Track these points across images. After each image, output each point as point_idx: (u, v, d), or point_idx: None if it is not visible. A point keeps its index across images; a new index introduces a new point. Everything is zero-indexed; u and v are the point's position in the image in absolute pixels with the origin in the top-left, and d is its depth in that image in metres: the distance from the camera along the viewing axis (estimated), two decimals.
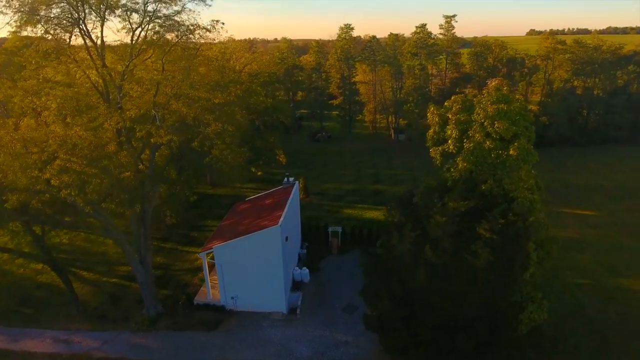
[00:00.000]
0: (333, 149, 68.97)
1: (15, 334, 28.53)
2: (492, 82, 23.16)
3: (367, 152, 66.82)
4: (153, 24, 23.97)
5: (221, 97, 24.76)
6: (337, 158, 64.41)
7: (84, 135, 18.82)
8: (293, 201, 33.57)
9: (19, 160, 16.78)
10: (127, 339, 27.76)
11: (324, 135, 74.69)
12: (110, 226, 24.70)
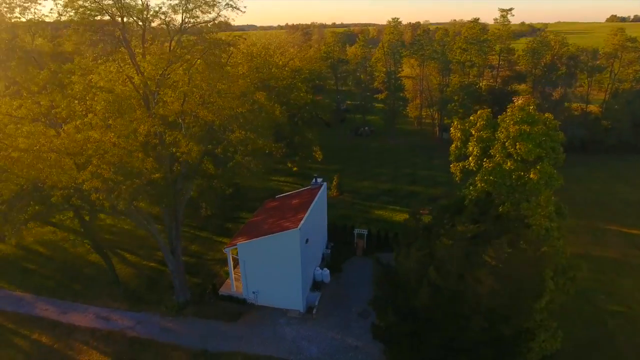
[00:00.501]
0: (374, 145, 68.61)
1: (64, 307, 32.17)
2: (517, 100, 22.24)
3: (409, 150, 65.80)
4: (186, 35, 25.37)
5: (247, 106, 25.79)
6: (377, 155, 64.08)
7: (117, 142, 20.71)
8: (319, 202, 34.37)
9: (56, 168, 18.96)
10: (157, 322, 30.36)
11: (366, 130, 74.35)
12: (142, 221, 26.91)
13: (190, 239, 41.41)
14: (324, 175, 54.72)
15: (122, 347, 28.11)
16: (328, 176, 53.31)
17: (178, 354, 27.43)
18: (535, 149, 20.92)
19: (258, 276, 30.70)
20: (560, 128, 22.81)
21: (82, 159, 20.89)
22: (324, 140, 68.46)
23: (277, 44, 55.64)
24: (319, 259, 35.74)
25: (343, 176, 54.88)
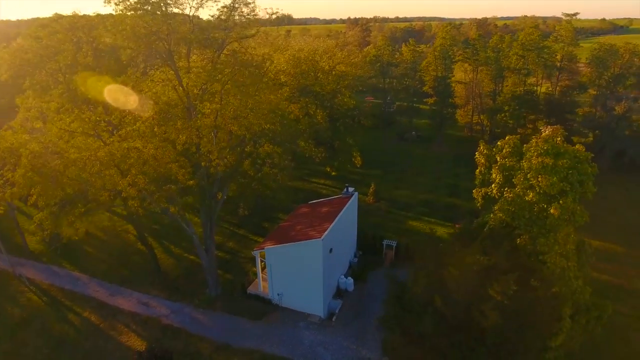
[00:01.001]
0: (418, 151, 67.67)
1: (112, 290, 35.88)
2: (545, 130, 21.52)
3: (454, 159, 64.16)
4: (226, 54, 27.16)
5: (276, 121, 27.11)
6: (419, 162, 63.23)
7: (155, 154, 22.96)
8: (347, 212, 35.17)
9: (100, 175, 21.53)
10: (189, 313, 33.00)
11: (413, 135, 73.39)
12: (179, 221, 29.35)
13: (228, 236, 43.98)
14: (363, 180, 55.48)
15: (156, 333, 30.97)
16: (367, 182, 53.95)
17: (204, 345, 29.75)
18: (559, 183, 20.25)
19: (283, 279, 32.27)
20: (623, 146, 21.79)
21: (125, 167, 23.41)
22: (368, 144, 68.80)
23: (324, 48, 56.44)
24: (345, 267, 36.64)
25: (382, 183, 55.08)
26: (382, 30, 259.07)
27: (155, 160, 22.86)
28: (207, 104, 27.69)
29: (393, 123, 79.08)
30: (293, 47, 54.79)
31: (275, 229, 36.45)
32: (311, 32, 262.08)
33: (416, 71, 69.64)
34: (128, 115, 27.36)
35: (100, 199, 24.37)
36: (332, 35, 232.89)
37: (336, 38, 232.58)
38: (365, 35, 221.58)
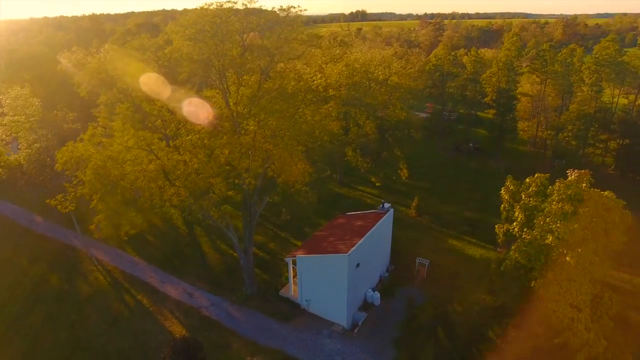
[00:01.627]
0: (472, 165, 65.70)
1: (164, 278, 40.19)
2: (571, 174, 20.96)
3: (512, 176, 61.36)
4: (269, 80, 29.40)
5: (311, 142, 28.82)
6: (472, 177, 61.50)
7: (198, 169, 25.83)
8: (380, 228, 36.07)
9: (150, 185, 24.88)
10: (226, 307, 36.14)
11: (470, 146, 71.25)
12: (220, 225, 32.32)
13: (270, 237, 46.76)
14: (409, 192, 55.50)
15: (195, 323, 34.45)
16: (413, 194, 53.90)
17: (234, 339, 32.62)
18: (579, 230, 19.78)
19: (311, 287, 34.17)
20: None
21: (173, 177, 26.60)
22: (421, 154, 68.20)
23: (380, 58, 56.86)
24: (374, 281, 37.63)
25: (429, 196, 54.70)
26: (458, 29, 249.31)
27: (198, 174, 25.70)
28: (252, 121, 30.18)
29: (451, 132, 77.12)
30: (349, 57, 55.82)
31: (310, 238, 38.41)
32: (383, 29, 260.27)
33: (477, 82, 67.30)
34: (182, 128, 30.72)
35: (154, 202, 27.85)
36: (402, 34, 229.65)
37: (407, 36, 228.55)
38: (438, 35, 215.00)
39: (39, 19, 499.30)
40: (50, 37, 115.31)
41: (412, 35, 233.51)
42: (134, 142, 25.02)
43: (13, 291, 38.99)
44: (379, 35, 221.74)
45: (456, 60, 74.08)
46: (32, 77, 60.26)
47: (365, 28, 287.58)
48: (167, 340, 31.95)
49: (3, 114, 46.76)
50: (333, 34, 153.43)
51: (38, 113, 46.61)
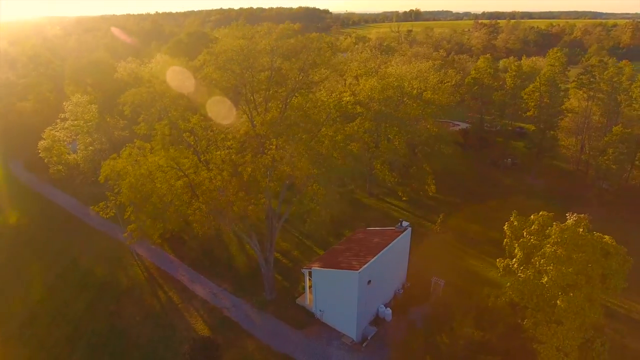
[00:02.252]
0: (508, 181, 64.21)
1: (193, 277, 43.57)
2: (570, 217, 21.15)
3: (547, 195, 59.58)
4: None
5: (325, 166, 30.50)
6: (505, 194, 60.07)
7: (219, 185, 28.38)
8: (396, 246, 37.05)
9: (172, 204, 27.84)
10: (246, 310, 38.77)
11: (507, 161, 69.53)
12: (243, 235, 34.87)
13: (295, 244, 48.95)
14: (437, 206, 55.57)
15: (216, 322, 37.35)
16: (441, 209, 53.99)
17: (249, 341, 35.13)
18: (572, 275, 20.08)
19: (324, 298, 35.96)
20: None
21: (199, 192, 29.37)
22: (455, 167, 67.43)
23: (416, 72, 57.14)
24: (388, 297, 38.71)
25: (456, 212, 54.54)
26: (515, 31, 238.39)
27: (220, 191, 28.27)
28: (274, 141, 32.36)
29: (489, 145, 75.51)
30: (384, 70, 56.67)
31: (329, 250, 40.13)
32: (434, 31, 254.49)
33: (516, 97, 65.42)
34: (213, 144, 33.53)
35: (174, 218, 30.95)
36: (454, 37, 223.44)
37: (459, 39, 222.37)
38: (491, 38, 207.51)
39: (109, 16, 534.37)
40: (114, 40, 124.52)
41: (464, 37, 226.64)
42: (164, 162, 28.05)
43: (65, 278, 44.03)
44: (429, 37, 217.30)
45: (497, 73, 72.10)
46: (93, 82, 66.41)
47: (417, 29, 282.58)
48: (190, 337, 35.18)
49: (65, 118, 52.34)
50: (379, 39, 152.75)
51: (94, 118, 51.75)
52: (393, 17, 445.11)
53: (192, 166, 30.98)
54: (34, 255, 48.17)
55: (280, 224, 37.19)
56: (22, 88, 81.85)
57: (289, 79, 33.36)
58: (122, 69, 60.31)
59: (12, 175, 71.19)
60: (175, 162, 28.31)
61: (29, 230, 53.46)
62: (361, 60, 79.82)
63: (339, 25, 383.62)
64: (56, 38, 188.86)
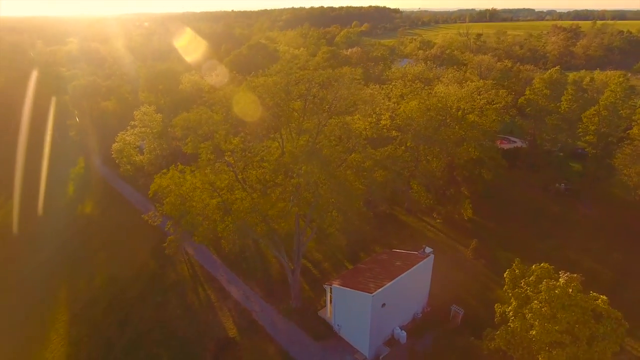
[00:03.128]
0: (557, 209, 61.35)
1: (230, 278, 47.88)
2: (562, 276, 21.56)
3: (596, 226, 56.43)
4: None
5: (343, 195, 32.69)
6: (550, 223, 57.60)
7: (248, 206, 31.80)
8: (416, 272, 38.27)
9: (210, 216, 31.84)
10: (272, 315, 42.17)
11: (560, 186, 66.35)
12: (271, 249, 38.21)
13: (327, 256, 51.48)
14: (473, 229, 55.24)
15: (244, 324, 41.13)
16: (476, 233, 53.58)
17: (271, 346, 38.45)
18: (557, 333, 20.69)
19: (342, 314, 38.27)
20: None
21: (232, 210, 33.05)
22: (500, 189, 65.59)
23: (460, 95, 56.66)
24: (405, 319, 40.03)
25: (492, 237, 53.78)
26: (600, 35, 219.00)
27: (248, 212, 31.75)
28: (304, 167, 35.14)
29: (544, 167, 72.20)
30: (428, 92, 56.95)
31: (353, 268, 42.29)
32: (507, 34, 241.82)
33: (572, 122, 62.02)
34: (250, 164, 37.14)
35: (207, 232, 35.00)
36: (527, 42, 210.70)
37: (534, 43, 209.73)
38: (569, 45, 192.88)
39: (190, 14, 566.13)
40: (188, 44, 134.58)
41: (539, 42, 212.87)
42: (200, 183, 32.05)
43: (123, 268, 50.46)
44: (500, 42, 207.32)
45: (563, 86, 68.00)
46: (164, 89, 73.73)
47: (489, 31, 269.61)
48: (220, 336, 39.29)
49: (134, 125, 59.33)
50: (443, 45, 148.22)
51: (159, 126, 58.09)
52: (466, 16, 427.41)
53: (227, 185, 34.68)
54: (101, 245, 55.50)
55: (307, 241, 39.95)
56: (106, 90, 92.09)
57: (322, 107, 35.86)
58: (185, 80, 66.67)
59: (93, 168, 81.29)
60: (210, 183, 32.15)
61: (99, 221, 61.44)
62: (413, 75, 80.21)
63: (407, 26, 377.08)
64: (140, 37, 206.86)
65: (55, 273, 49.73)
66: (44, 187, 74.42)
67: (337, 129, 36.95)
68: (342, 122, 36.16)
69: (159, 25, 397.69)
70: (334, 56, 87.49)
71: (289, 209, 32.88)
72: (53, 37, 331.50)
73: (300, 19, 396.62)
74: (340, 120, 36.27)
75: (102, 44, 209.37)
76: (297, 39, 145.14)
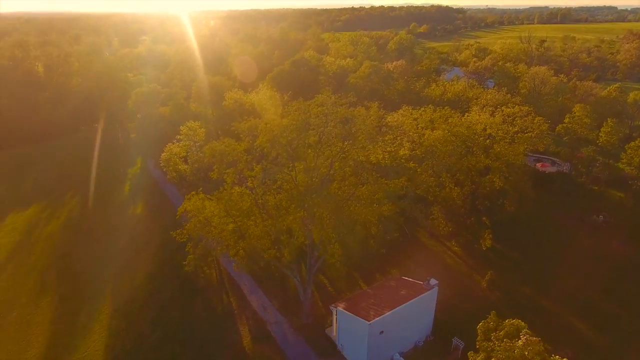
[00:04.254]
0: (589, 243, 58.85)
1: (252, 288, 52.01)
2: (523, 337, 22.81)
3: (634, 266, 53.97)
4: None
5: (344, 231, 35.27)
6: (580, 259, 55.69)
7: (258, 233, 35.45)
8: (418, 303, 40.08)
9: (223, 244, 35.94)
10: (285, 329, 45.69)
11: (599, 218, 63.58)
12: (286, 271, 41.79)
13: (343, 275, 53.88)
14: (494, 259, 55.09)
15: (259, 334, 45.00)
16: (497, 263, 53.46)
17: (278, 357, 42.05)
18: None
19: (344, 335, 41.01)
20: None
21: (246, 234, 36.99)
22: (532, 215, 63.45)
23: (489, 123, 56.54)
24: (407, 346, 41.86)
25: (512, 269, 53.51)
26: None
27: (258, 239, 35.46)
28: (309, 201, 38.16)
29: (585, 195, 69.17)
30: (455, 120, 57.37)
31: (359, 292, 44.79)
32: (577, 39, 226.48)
33: (610, 155, 59.20)
34: (268, 191, 40.84)
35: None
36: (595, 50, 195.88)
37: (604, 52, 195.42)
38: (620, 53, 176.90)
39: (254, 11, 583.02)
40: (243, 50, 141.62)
41: (611, 50, 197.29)
42: (218, 211, 36.23)
43: (161, 269, 56.38)
44: (566, 49, 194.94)
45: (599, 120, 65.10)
46: (211, 102, 79.83)
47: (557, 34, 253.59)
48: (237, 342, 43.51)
49: (180, 139, 65.51)
50: (495, 58, 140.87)
51: (201, 140, 63.66)
52: (535, 17, 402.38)
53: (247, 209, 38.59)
54: (145, 244, 62.07)
55: (315, 267, 42.98)
56: (165, 96, 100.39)
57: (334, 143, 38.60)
58: (228, 97, 71.98)
59: (147, 171, 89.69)
60: (227, 211, 36.24)
61: (145, 222, 68.44)
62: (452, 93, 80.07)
63: (468, 27, 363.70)
64: (204, 39, 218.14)
65: (105, 269, 56.78)
66: (106, 185, 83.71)
67: (350, 162, 39.52)
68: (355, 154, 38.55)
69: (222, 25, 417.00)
70: (376, 72, 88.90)
71: (295, 241, 36.15)
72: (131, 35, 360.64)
73: (360, 19, 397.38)
74: (354, 153, 38.68)
75: (169, 45, 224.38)
76: (347, 47, 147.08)
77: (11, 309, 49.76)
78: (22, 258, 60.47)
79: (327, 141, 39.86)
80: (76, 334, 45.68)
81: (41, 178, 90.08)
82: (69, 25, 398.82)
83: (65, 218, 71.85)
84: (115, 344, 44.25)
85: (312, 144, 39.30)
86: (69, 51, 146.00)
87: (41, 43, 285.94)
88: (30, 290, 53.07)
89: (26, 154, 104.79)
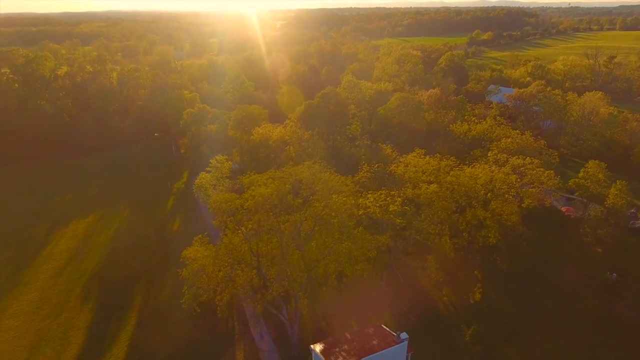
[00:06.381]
0: (594, 304, 57.33)
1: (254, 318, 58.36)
2: None
3: (624, 340, 52.61)
4: None
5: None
6: (577, 321, 54.86)
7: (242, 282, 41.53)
8: (388, 355, 43.90)
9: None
10: (274, 359, 51.53)
11: (612, 276, 61.67)
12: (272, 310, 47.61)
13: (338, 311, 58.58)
14: (488, 309, 56.22)
15: None
16: (485, 315, 54.80)
17: None
18: None
19: None
20: None
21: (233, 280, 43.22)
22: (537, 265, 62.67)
23: (490, 177, 57.53)
24: None
25: (502, 324, 54.62)
26: None
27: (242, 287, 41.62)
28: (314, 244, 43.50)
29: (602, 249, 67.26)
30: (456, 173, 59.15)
31: (339, 335, 49.12)
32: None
33: (620, 218, 57.26)
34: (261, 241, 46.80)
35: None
36: None
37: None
38: None
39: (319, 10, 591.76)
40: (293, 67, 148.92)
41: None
42: (213, 260, 42.99)
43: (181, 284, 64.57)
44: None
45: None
46: (246, 130, 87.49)
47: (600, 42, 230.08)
48: None
49: (209, 170, 73.74)
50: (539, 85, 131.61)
51: (227, 172, 71.33)
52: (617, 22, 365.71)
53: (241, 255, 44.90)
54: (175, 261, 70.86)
55: (302, 309, 48.18)
56: (212, 116, 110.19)
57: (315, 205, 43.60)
58: (255, 132, 79.16)
59: (190, 187, 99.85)
60: (220, 258, 42.92)
61: (179, 239, 77.57)
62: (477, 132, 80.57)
63: (538, 34, 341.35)
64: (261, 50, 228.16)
65: (137, 282, 66.26)
66: (152, 198, 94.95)
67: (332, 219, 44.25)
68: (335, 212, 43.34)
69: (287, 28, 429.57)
70: (404, 103, 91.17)
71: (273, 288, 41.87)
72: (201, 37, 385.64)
73: (422, 24, 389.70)
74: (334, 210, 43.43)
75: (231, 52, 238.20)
76: (393, 66, 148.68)
77: (61, 312, 60.44)
78: (76, 264, 71.96)
79: (313, 200, 44.90)
80: (105, 340, 54.91)
81: (104, 186, 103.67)
82: (148, 29, 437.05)
83: (115, 229, 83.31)
84: (133, 355, 52.79)
85: (298, 205, 44.49)
86: (137, 67, 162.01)
87: (121, 48, 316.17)
88: (78, 296, 63.71)
89: (94, 162, 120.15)
